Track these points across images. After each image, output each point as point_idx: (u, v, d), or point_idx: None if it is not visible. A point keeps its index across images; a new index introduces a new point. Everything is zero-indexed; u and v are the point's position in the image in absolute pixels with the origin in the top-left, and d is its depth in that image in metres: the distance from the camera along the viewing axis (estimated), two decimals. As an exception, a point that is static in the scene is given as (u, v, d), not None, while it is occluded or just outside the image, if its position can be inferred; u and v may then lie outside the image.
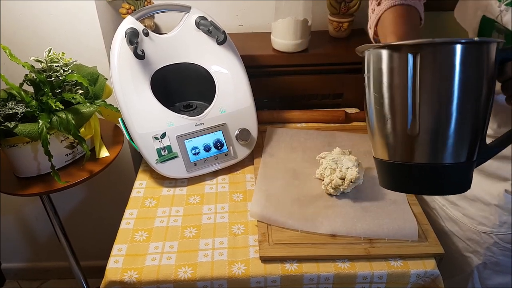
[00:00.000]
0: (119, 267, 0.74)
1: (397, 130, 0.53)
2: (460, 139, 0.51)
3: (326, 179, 0.85)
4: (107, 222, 1.23)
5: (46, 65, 0.87)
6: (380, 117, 0.54)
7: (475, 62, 0.50)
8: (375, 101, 0.54)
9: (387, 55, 0.52)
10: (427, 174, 0.53)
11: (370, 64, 0.55)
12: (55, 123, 0.84)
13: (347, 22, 1.17)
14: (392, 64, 0.52)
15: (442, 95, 0.50)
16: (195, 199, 0.89)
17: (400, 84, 0.51)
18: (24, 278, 1.63)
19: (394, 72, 0.52)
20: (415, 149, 0.52)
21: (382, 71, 0.53)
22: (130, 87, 0.90)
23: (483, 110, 0.52)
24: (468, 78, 0.50)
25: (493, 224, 0.78)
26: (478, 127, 0.52)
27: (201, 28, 0.96)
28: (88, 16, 1.03)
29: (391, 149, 0.54)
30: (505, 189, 0.75)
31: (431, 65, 0.49)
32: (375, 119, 0.55)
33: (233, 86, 0.98)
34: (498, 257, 0.80)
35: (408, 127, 0.51)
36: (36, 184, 0.90)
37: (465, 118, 0.51)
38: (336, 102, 1.22)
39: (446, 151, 0.51)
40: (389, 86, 0.52)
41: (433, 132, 0.51)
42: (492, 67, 0.51)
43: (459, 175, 0.54)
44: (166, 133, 0.90)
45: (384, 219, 0.80)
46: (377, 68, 0.53)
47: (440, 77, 0.49)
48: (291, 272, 0.73)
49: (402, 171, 0.55)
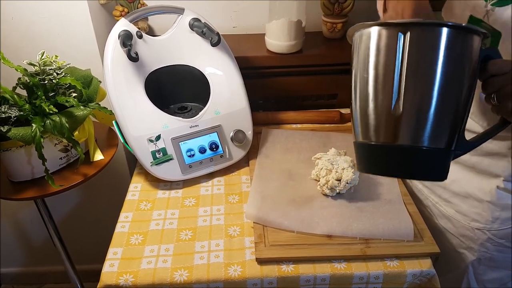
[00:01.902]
0: (115, 271, 0.73)
1: (380, 110, 0.54)
2: (440, 123, 0.53)
3: (322, 180, 0.85)
4: (103, 225, 1.23)
5: (39, 68, 0.86)
6: (364, 97, 0.55)
7: (460, 47, 0.52)
8: (360, 81, 0.56)
9: (377, 33, 0.53)
10: (406, 156, 0.54)
11: (360, 44, 0.56)
12: (48, 126, 0.83)
13: (341, 23, 1.17)
14: (380, 42, 0.53)
15: (427, 76, 0.51)
16: (190, 202, 0.89)
17: (387, 62, 0.52)
18: (20, 282, 1.62)
19: (382, 50, 0.53)
20: (397, 129, 0.53)
21: (370, 50, 0.54)
22: (124, 89, 0.89)
23: (464, 100, 0.53)
24: (453, 62, 0.51)
25: (486, 220, 0.78)
26: (458, 116, 0.54)
27: (195, 30, 0.96)
28: (81, 18, 1.02)
29: (373, 130, 0.55)
30: (497, 185, 0.76)
31: (418, 45, 0.51)
32: (358, 100, 0.56)
33: (227, 87, 0.98)
34: (492, 252, 0.81)
35: (392, 107, 0.52)
36: (30, 188, 0.89)
37: (447, 103, 0.52)
38: (331, 103, 1.22)
39: (426, 134, 0.53)
40: (375, 64, 0.53)
41: (415, 112, 0.52)
42: (475, 60, 0.53)
43: (437, 161, 0.55)
44: (161, 136, 0.90)
45: (379, 219, 0.80)
46: (365, 47, 0.54)
47: (426, 57, 0.51)
48: (287, 273, 0.73)
49: (382, 153, 0.56)
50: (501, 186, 0.76)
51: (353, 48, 0.58)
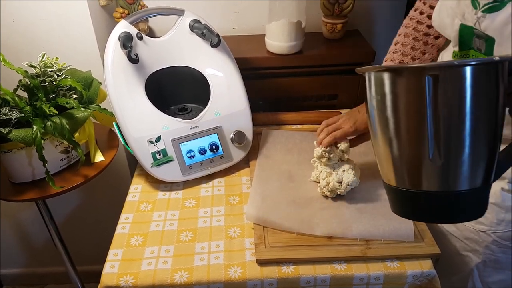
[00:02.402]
0: (115, 272, 0.73)
1: (408, 156, 0.50)
2: (476, 162, 0.49)
3: (323, 182, 0.85)
4: (103, 227, 1.23)
5: (40, 70, 0.87)
6: (388, 141, 0.51)
7: (494, 80, 0.48)
8: (384, 125, 0.51)
9: (398, 77, 0.49)
10: (441, 201, 0.51)
11: (380, 85, 0.51)
12: (49, 128, 0.84)
13: (341, 23, 1.17)
14: (405, 87, 0.48)
15: (461, 118, 0.47)
16: (190, 203, 0.89)
17: (415, 108, 0.48)
18: (21, 283, 1.62)
19: (406, 95, 0.48)
20: (429, 175, 0.49)
21: (396, 94, 0.49)
22: (124, 91, 0.89)
23: (499, 127, 0.49)
24: (486, 97, 0.47)
25: (491, 222, 0.78)
26: (495, 146, 0.50)
27: (195, 31, 0.96)
28: (82, 20, 1.02)
29: (407, 177, 0.51)
30: (502, 187, 0.76)
31: (449, 88, 0.47)
32: (382, 143, 0.53)
33: (227, 88, 0.98)
34: (498, 254, 0.81)
35: (429, 155, 0.48)
36: (31, 189, 0.89)
37: (481, 140, 0.48)
38: (331, 103, 1.22)
39: (461, 177, 0.49)
40: (401, 109, 0.49)
41: (448, 157, 0.48)
42: (506, 82, 0.49)
43: (476, 201, 0.51)
44: (161, 137, 0.90)
45: (380, 220, 0.80)
46: (388, 91, 0.50)
47: (459, 99, 0.47)
48: (287, 274, 0.73)
49: (413, 199, 0.52)
50: (505, 188, 0.75)
51: (369, 86, 0.53)
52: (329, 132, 0.85)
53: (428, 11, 0.83)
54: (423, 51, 0.85)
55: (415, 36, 0.85)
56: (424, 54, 0.85)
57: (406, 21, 0.88)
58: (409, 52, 0.85)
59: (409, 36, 0.85)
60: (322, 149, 0.85)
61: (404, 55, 0.86)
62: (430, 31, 0.84)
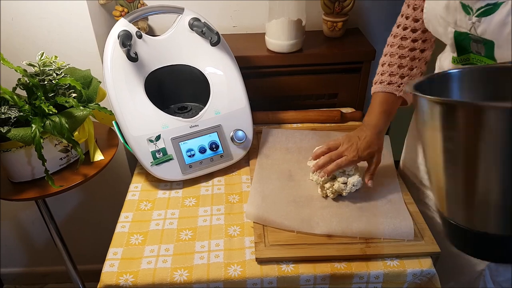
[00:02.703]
0: (115, 271, 0.73)
1: (480, 196, 0.46)
2: None
3: (327, 185, 0.84)
4: (103, 226, 1.23)
5: (38, 69, 0.86)
6: (453, 176, 0.48)
7: None
8: (448, 159, 0.47)
9: (475, 114, 0.44)
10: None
11: (452, 117, 0.46)
12: (48, 127, 0.83)
13: (341, 21, 1.17)
14: (482, 124, 0.43)
15: None
16: (190, 201, 0.89)
17: (495, 146, 0.44)
18: (22, 283, 1.62)
19: (485, 132, 0.44)
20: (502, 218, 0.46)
21: (472, 130, 0.44)
22: (123, 89, 0.89)
23: None
24: None
25: None
26: None
27: (194, 29, 0.96)
28: (81, 19, 1.02)
29: (478, 218, 0.48)
30: None
31: None
32: (444, 176, 0.48)
33: (227, 87, 0.98)
34: None
35: (494, 193, 0.45)
36: (30, 188, 0.89)
37: None
38: (332, 102, 1.22)
39: None
40: (481, 146, 0.44)
41: None
42: None
43: None
44: (161, 136, 0.90)
45: (379, 218, 0.79)
46: (461, 124, 0.45)
47: None
48: (287, 273, 0.73)
49: (488, 242, 0.48)
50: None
51: (427, 117, 0.48)
52: (332, 159, 0.82)
53: (413, 15, 0.81)
54: (410, 67, 0.84)
55: (400, 54, 0.84)
56: (412, 69, 0.84)
57: (390, 39, 0.86)
58: (397, 72, 0.84)
59: (395, 55, 0.84)
60: (323, 178, 0.82)
61: (392, 75, 0.84)
62: (416, 45, 0.83)
